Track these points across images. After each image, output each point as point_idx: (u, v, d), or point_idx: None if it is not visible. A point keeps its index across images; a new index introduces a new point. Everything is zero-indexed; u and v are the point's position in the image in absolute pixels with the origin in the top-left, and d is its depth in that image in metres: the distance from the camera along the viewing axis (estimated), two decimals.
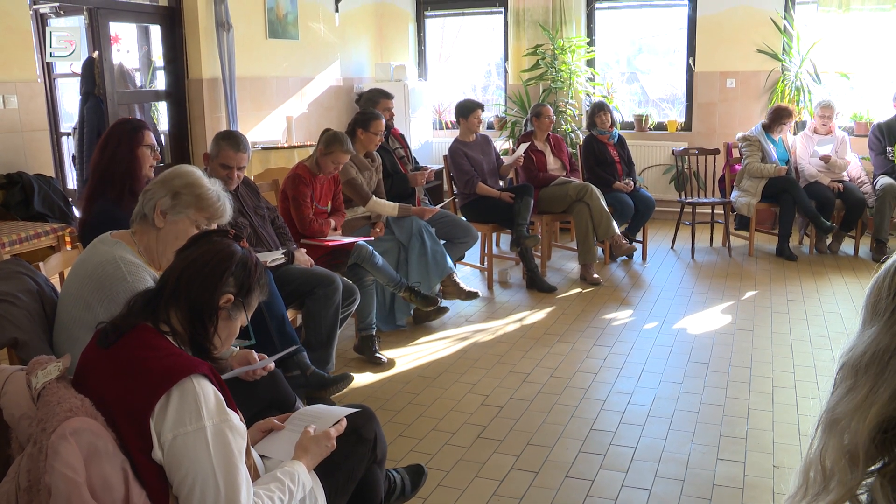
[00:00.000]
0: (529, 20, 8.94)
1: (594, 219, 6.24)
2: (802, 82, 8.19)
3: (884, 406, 0.87)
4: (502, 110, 9.27)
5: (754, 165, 7.02)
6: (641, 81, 9.88)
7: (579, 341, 4.97)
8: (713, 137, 8.39)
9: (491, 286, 6.23)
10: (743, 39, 8.37)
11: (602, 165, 6.92)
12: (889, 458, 0.87)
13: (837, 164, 7.16)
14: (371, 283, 4.71)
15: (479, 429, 3.76)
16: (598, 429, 3.76)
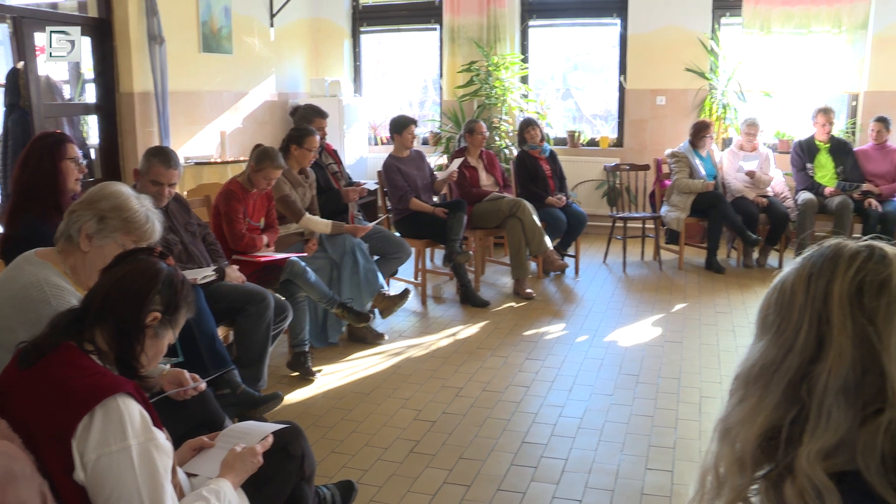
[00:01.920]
0: (464, 37, 9.02)
1: (527, 234, 6.32)
2: (729, 100, 8.42)
3: (769, 415, 0.92)
4: (437, 126, 9.33)
5: (683, 181, 7.19)
6: (576, 98, 10.06)
7: (512, 355, 5.02)
8: (644, 153, 8.56)
9: (425, 301, 6.25)
10: (672, 58, 8.57)
11: (535, 181, 7.01)
12: (774, 463, 0.92)
13: (762, 180, 7.39)
14: (304, 300, 4.70)
15: (411, 444, 3.78)
16: (530, 441, 3.80)
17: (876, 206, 7.05)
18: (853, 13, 8.14)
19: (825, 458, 0.89)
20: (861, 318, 0.92)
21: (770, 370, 0.97)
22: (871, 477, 0.86)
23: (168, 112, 6.89)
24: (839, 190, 7.20)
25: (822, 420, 0.91)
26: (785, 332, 0.98)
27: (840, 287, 0.94)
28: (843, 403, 0.90)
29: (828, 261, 0.98)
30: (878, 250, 0.98)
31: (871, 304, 0.92)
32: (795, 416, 0.93)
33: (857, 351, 0.92)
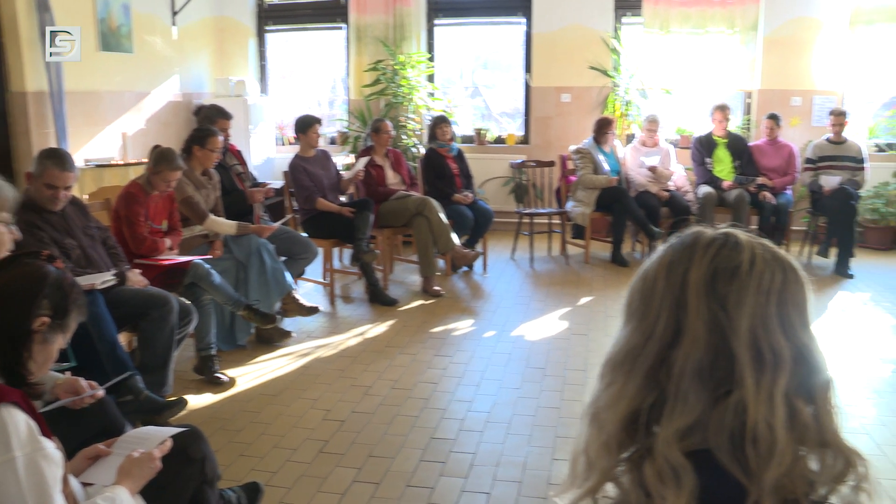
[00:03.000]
0: (370, 36, 9.02)
1: (434, 231, 6.36)
2: (631, 97, 8.64)
3: (632, 399, 0.97)
4: (345, 125, 9.31)
5: (587, 177, 7.36)
6: (484, 96, 10.16)
7: (420, 352, 5.06)
8: (550, 150, 8.71)
9: (333, 301, 6.24)
10: (576, 56, 8.75)
11: (441, 179, 7.07)
12: (638, 445, 0.97)
13: (663, 174, 7.61)
14: (209, 303, 4.64)
15: (320, 444, 3.77)
16: (439, 437, 3.84)
17: (770, 199, 7.37)
18: (745, 15, 8.46)
19: (681, 439, 0.94)
20: (714, 303, 0.97)
21: (633, 356, 1.01)
22: (722, 455, 0.91)
23: (65, 113, 6.68)
24: (736, 183, 7.49)
25: (678, 402, 0.96)
26: (647, 318, 1.02)
27: (696, 274, 0.99)
28: (698, 386, 0.95)
29: (686, 248, 1.03)
30: (733, 238, 1.03)
31: (723, 290, 0.97)
32: (655, 399, 0.98)
33: (710, 336, 0.96)
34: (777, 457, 0.90)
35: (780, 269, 1.01)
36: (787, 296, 0.99)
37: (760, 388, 0.93)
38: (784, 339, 0.97)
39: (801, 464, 0.93)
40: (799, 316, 1.00)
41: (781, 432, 0.91)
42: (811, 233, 7.78)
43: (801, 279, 1.03)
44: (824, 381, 0.99)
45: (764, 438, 0.91)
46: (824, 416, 0.97)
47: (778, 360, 0.95)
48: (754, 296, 0.97)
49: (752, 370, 0.94)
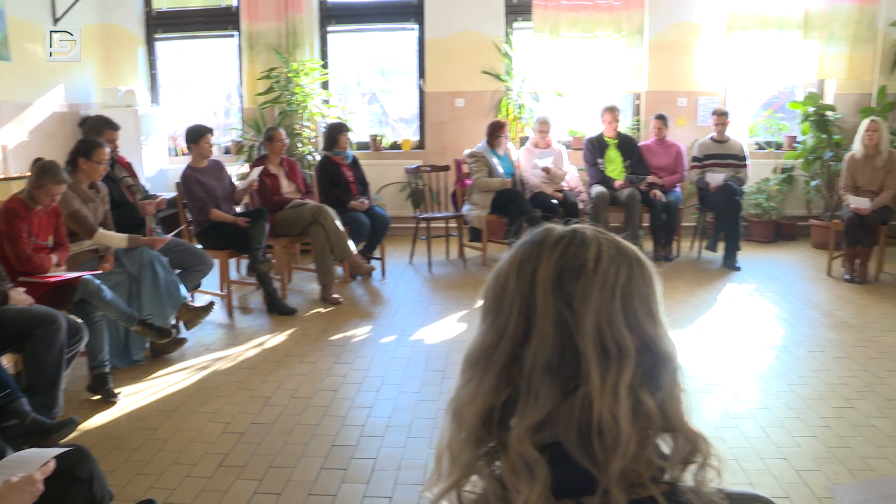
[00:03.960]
0: (262, 44, 8.93)
1: (330, 239, 6.36)
2: (524, 101, 8.80)
3: (488, 396, 1.01)
4: (239, 134, 9.19)
5: (482, 180, 7.46)
6: (382, 102, 10.17)
7: (320, 360, 5.05)
8: (445, 154, 8.79)
9: (231, 313, 6.16)
10: (469, 61, 8.87)
11: (337, 186, 7.06)
12: (496, 440, 1.01)
13: (557, 175, 7.78)
14: (100, 319, 4.52)
15: (220, 457, 3.73)
16: (340, 444, 3.85)
17: (660, 197, 7.63)
18: (630, 20, 8.73)
19: (534, 434, 0.97)
20: (560, 302, 0.99)
21: (487, 353, 1.03)
22: (572, 447, 0.96)
23: None
24: (627, 183, 7.73)
25: (530, 398, 0.99)
26: (499, 316, 1.04)
27: (544, 273, 1.01)
28: (548, 382, 0.98)
29: (535, 247, 1.04)
30: (580, 235, 1.04)
31: (569, 287, 0.99)
32: (509, 395, 1.01)
33: (558, 333, 0.99)
34: (622, 447, 0.94)
35: (625, 265, 1.02)
36: (633, 290, 1.01)
37: (606, 382, 0.96)
38: (629, 332, 0.99)
39: (647, 450, 0.97)
40: (645, 309, 1.02)
41: (625, 423, 0.95)
42: (700, 228, 8.09)
43: (648, 273, 1.05)
44: (671, 369, 1.02)
45: (609, 430, 0.94)
46: (670, 403, 1.01)
47: (623, 354, 0.98)
48: (599, 292, 0.99)
49: (597, 365, 0.97)
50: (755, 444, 3.89)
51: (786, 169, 8.92)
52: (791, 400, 4.43)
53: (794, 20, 8.72)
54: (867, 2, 8.61)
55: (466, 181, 7.82)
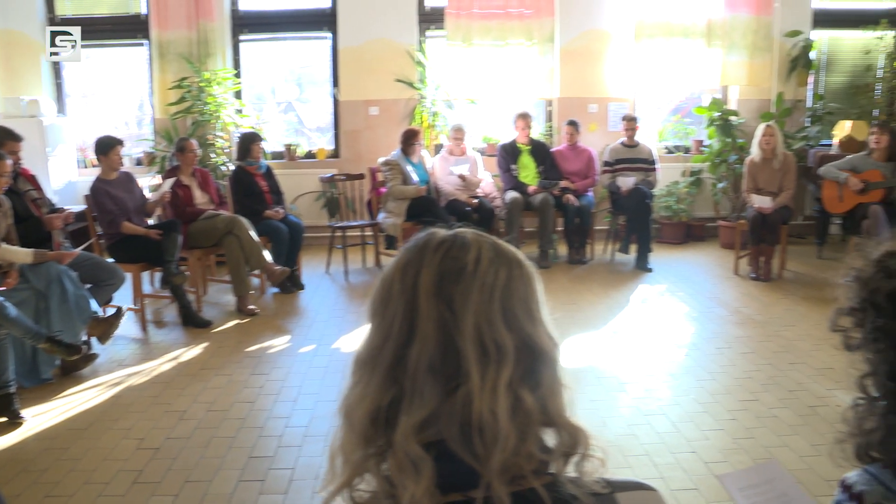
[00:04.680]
0: (173, 53, 8.77)
1: (245, 250, 6.30)
2: (438, 108, 8.86)
3: (375, 396, 1.04)
4: (151, 145, 9.02)
5: (396, 188, 7.49)
6: (298, 111, 10.11)
7: (236, 372, 5.00)
8: (360, 163, 8.79)
9: (145, 327, 6.04)
10: (383, 70, 8.89)
11: (251, 196, 7.00)
12: (384, 439, 1.04)
13: (472, 182, 7.86)
14: (5, 337, 4.38)
15: (134, 474, 3.66)
16: (257, 455, 3.82)
17: (573, 201, 7.79)
18: (542, 28, 8.88)
19: (419, 432, 1.00)
20: (441, 304, 1.02)
21: (374, 355, 1.06)
22: (454, 444, 1.00)
23: None
24: (541, 188, 7.85)
25: (415, 398, 1.02)
26: (385, 319, 1.06)
27: (426, 277, 1.03)
28: (432, 381, 1.01)
29: (418, 251, 1.07)
30: (461, 239, 1.06)
31: (450, 291, 1.02)
32: (395, 395, 1.04)
33: (439, 334, 1.01)
34: (501, 442, 0.97)
35: (504, 267, 1.05)
36: (512, 291, 1.04)
37: (485, 381, 0.99)
38: (508, 332, 1.01)
39: (528, 445, 1.00)
40: (524, 309, 1.05)
41: (504, 420, 0.98)
42: (613, 231, 8.28)
43: (528, 274, 1.07)
44: (551, 367, 1.05)
45: (489, 427, 0.97)
46: (550, 399, 1.04)
47: (502, 354, 1.00)
48: (478, 294, 1.02)
49: (477, 364, 0.99)
50: (666, 439, 4.01)
51: (694, 172, 9.19)
52: (700, 395, 4.58)
53: (697, 29, 9.02)
54: (763, 13, 8.98)
55: (381, 189, 7.84)
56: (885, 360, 1.22)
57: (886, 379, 1.22)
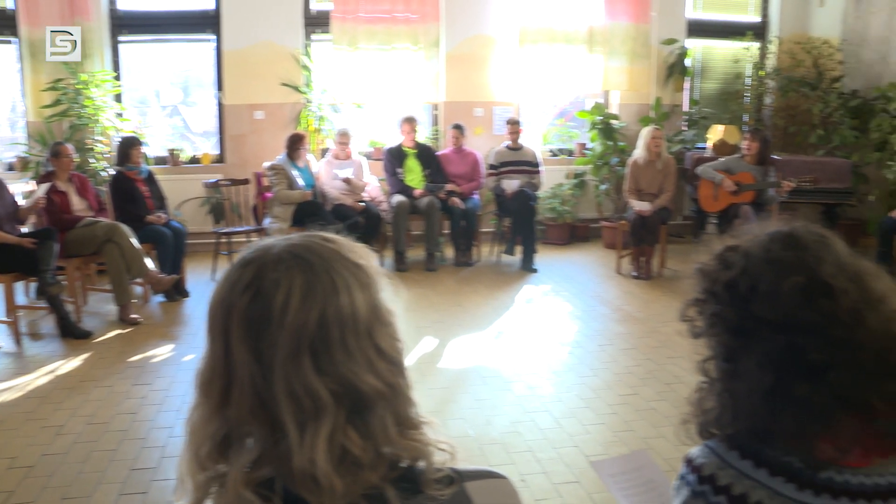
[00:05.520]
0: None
1: (126, 258, 6.13)
2: (324, 113, 8.83)
3: (213, 422, 1.02)
4: (24, 149, 8.65)
5: (282, 192, 7.43)
6: (183, 115, 9.88)
7: (118, 384, 4.87)
8: (246, 167, 8.66)
9: (19, 340, 5.77)
10: (268, 73, 8.79)
11: (132, 202, 6.80)
12: (219, 470, 1.03)
13: (358, 186, 7.87)
14: None
15: (4, 496, 3.52)
16: (139, 468, 3.74)
17: (459, 204, 7.90)
18: (427, 33, 8.96)
19: (253, 470, 1.00)
20: (250, 353, 0.99)
21: (208, 380, 1.04)
22: (288, 484, 0.99)
23: None
24: (427, 191, 7.93)
25: (243, 439, 1.01)
26: (213, 350, 1.04)
27: (235, 319, 1.00)
28: (256, 426, 1.00)
29: (229, 287, 1.03)
30: (272, 276, 1.01)
31: (257, 340, 0.99)
32: (226, 432, 1.02)
33: (253, 383, 0.99)
34: (327, 492, 0.96)
35: (316, 306, 1.00)
36: (325, 335, 1.00)
37: (303, 438, 0.97)
38: (323, 380, 0.98)
39: (360, 481, 0.99)
40: (342, 349, 1.00)
41: (329, 473, 0.96)
42: (498, 233, 8.43)
43: (343, 313, 1.01)
44: (376, 401, 1.02)
45: (313, 479, 0.97)
46: (382, 435, 1.02)
47: (318, 406, 0.98)
48: (286, 345, 0.98)
49: (292, 420, 0.97)
50: (549, 434, 4.14)
51: (577, 174, 9.44)
52: (582, 391, 4.73)
53: (579, 35, 9.27)
54: (641, 21, 9.33)
55: (267, 194, 7.77)
56: (721, 343, 1.31)
57: (722, 361, 1.31)
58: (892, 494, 1.22)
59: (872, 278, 1.27)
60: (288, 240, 1.08)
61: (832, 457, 1.22)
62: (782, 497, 1.22)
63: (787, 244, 1.28)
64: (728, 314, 1.29)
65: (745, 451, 1.27)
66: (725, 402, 1.30)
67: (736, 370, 1.28)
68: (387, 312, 1.08)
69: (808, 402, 1.19)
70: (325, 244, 1.07)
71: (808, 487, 1.22)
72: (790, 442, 1.23)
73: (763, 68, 9.77)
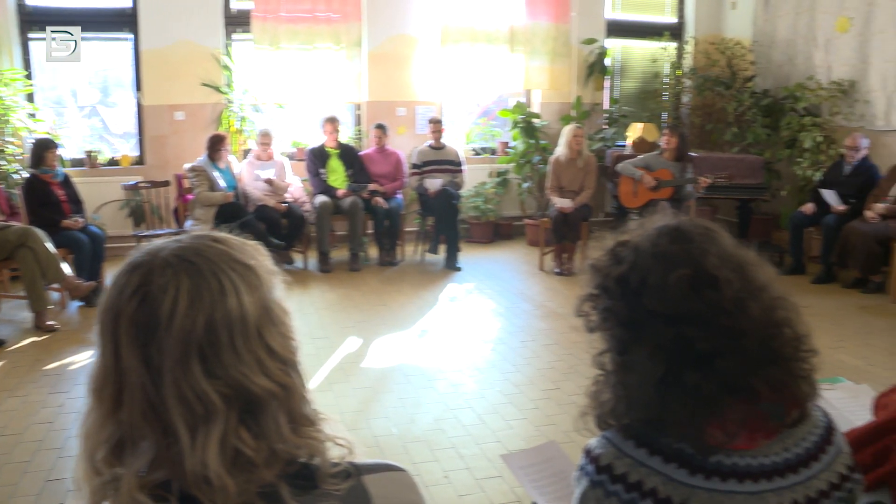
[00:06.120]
0: None
1: (41, 263, 5.98)
2: (245, 113, 8.73)
3: (105, 427, 1.02)
4: None
5: (203, 194, 7.34)
6: (102, 115, 9.63)
7: (32, 393, 4.75)
8: (167, 169, 8.50)
9: None
10: (188, 73, 8.64)
11: (46, 206, 6.63)
12: (114, 473, 1.02)
13: (280, 187, 7.83)
14: None
15: None
16: (55, 478, 3.67)
17: (382, 204, 7.92)
18: (349, 32, 8.94)
19: (148, 474, 1.00)
20: (139, 360, 0.99)
21: (100, 386, 1.03)
22: (183, 486, 0.99)
23: None
24: (350, 191, 7.92)
25: (137, 443, 1.02)
26: (104, 354, 1.03)
27: (124, 325, 1.00)
28: (149, 430, 1.00)
29: (118, 293, 1.03)
30: (159, 282, 1.01)
31: (146, 346, 0.99)
32: (120, 437, 1.02)
33: (143, 388, 0.99)
34: (221, 492, 0.97)
35: (203, 312, 1.00)
36: (214, 338, 1.00)
37: (195, 441, 0.97)
38: (213, 384, 0.99)
39: (255, 480, 1.00)
40: (232, 352, 1.01)
41: (222, 475, 0.97)
42: (422, 232, 8.46)
43: (231, 315, 1.02)
44: (268, 401, 1.03)
45: (205, 480, 0.97)
46: (273, 432, 1.03)
47: (209, 410, 0.98)
48: (174, 350, 0.98)
49: (183, 423, 0.98)
50: (472, 431, 4.20)
51: (500, 173, 9.53)
52: (505, 387, 4.81)
53: (501, 35, 9.36)
54: (562, 21, 9.48)
55: (188, 196, 7.66)
56: (614, 336, 1.37)
57: (616, 354, 1.37)
58: (776, 473, 1.29)
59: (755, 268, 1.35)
60: (177, 242, 1.07)
61: (721, 441, 1.27)
62: (675, 482, 1.27)
63: (674, 238, 1.34)
64: (619, 308, 1.35)
65: (640, 439, 1.32)
66: (620, 393, 1.35)
67: (628, 362, 1.33)
68: (279, 312, 1.09)
69: (697, 389, 1.25)
70: (214, 246, 1.07)
71: (700, 472, 1.27)
72: (681, 429, 1.28)
73: (680, 68, 10.03)
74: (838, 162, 7.72)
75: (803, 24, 8.93)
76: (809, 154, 8.24)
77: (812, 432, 1.36)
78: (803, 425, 1.35)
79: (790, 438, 1.33)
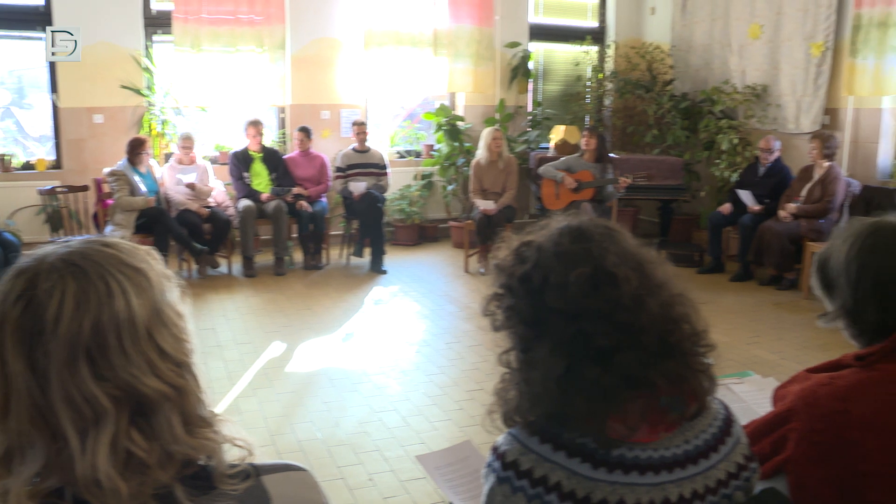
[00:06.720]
0: None
1: None
2: (167, 116, 8.59)
3: None
4: None
5: (124, 199, 7.20)
6: (19, 118, 9.34)
7: None
8: (86, 173, 8.30)
9: None
10: (107, 75, 8.44)
11: None
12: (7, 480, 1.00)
13: (203, 191, 7.73)
14: None
15: None
16: None
17: (306, 208, 7.88)
18: (272, 35, 8.87)
19: (41, 481, 1.00)
20: (25, 365, 0.99)
21: None
22: (76, 492, 0.99)
23: None
24: (274, 195, 7.87)
25: (25, 451, 1.00)
26: None
27: (9, 332, 1.00)
28: (38, 436, 0.99)
29: (1, 300, 1.02)
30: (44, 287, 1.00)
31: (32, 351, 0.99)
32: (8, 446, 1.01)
33: (31, 394, 0.99)
34: (113, 495, 0.97)
35: (89, 315, 1.00)
36: (102, 341, 1.00)
37: (85, 445, 0.98)
38: (102, 387, 0.99)
39: (149, 482, 1.00)
40: (121, 355, 1.01)
41: (114, 478, 0.97)
42: (347, 236, 8.44)
43: (119, 318, 1.02)
44: (160, 402, 1.03)
45: (96, 484, 0.97)
46: (166, 434, 1.03)
47: (98, 413, 0.98)
48: (61, 354, 0.98)
49: (72, 427, 0.98)
50: (397, 433, 4.22)
51: (425, 175, 9.58)
52: (430, 389, 4.84)
53: (425, 38, 9.40)
54: (485, 25, 9.57)
55: (108, 201, 7.50)
56: (517, 334, 1.40)
57: (520, 352, 1.40)
58: (677, 465, 1.34)
59: (654, 266, 1.39)
60: (66, 247, 1.08)
61: (623, 434, 1.32)
62: (579, 476, 1.31)
63: (575, 237, 1.38)
64: (523, 306, 1.38)
65: (544, 435, 1.35)
66: (524, 390, 1.38)
67: (532, 359, 1.36)
68: (172, 314, 1.09)
69: (598, 384, 1.29)
70: (103, 250, 1.07)
71: (602, 465, 1.31)
72: (584, 423, 1.31)
73: (602, 71, 10.24)
74: (753, 164, 7.97)
75: (718, 30, 9.19)
76: (726, 156, 8.47)
77: (711, 424, 1.41)
78: (703, 418, 1.41)
79: (690, 431, 1.38)
